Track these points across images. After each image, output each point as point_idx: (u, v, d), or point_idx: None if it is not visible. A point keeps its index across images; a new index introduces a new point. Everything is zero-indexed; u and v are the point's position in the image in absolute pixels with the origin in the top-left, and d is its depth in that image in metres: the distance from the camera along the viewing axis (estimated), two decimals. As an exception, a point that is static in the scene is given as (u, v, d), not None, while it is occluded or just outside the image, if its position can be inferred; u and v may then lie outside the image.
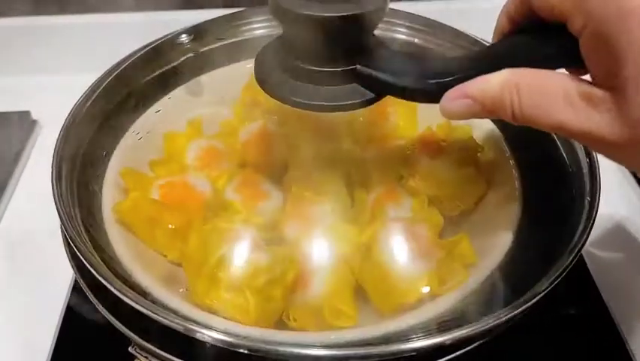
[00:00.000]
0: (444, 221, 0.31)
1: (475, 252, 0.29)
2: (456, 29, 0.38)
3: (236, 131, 0.35)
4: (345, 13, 0.25)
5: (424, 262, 0.28)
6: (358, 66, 0.27)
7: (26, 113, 0.50)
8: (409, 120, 0.36)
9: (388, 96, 0.27)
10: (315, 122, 0.34)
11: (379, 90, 0.27)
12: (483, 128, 0.35)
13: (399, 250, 0.29)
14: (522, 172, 0.32)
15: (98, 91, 0.33)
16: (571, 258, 0.26)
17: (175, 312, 0.26)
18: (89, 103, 0.33)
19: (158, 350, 0.25)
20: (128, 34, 0.39)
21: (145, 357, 0.25)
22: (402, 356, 0.24)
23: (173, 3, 0.55)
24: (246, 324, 0.26)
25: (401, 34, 0.38)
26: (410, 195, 0.32)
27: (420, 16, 0.39)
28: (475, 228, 0.31)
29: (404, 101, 0.28)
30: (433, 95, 0.25)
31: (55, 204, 0.28)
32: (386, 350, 0.24)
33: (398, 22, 0.38)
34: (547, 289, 0.25)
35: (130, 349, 0.26)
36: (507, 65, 0.23)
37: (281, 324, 0.28)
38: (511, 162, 0.33)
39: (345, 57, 0.27)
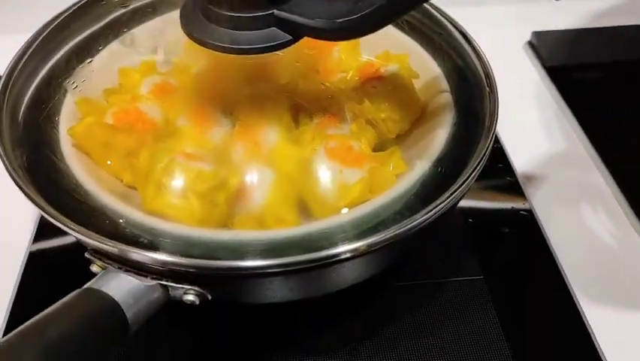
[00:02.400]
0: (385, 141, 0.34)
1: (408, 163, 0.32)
2: None
3: (188, 68, 0.37)
4: None
5: (357, 171, 0.31)
6: (275, 11, 0.29)
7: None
8: (351, 54, 0.38)
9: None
10: (259, 60, 0.36)
11: (296, 33, 0.30)
12: (419, 56, 0.37)
13: (333, 161, 0.31)
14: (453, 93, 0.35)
15: (34, 45, 0.35)
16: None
17: (121, 218, 0.29)
18: (27, 56, 0.35)
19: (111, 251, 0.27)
20: None
21: (99, 259, 0.28)
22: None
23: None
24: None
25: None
26: (350, 119, 0.34)
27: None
28: (411, 144, 0.34)
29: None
30: (341, 33, 0.29)
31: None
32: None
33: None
34: (461, 187, 0.29)
35: (86, 254, 0.28)
36: None
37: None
38: (444, 86, 0.36)
39: (264, 2, 0.29)
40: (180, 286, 0.27)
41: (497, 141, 0.47)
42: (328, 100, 0.35)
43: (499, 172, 0.44)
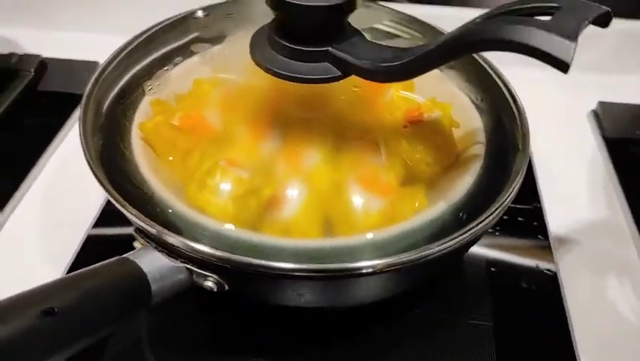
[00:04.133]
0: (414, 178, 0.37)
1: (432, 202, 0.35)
2: (432, 26, 0.44)
3: (251, 88, 0.42)
4: (323, 4, 0.31)
5: (381, 200, 0.34)
6: (330, 48, 0.33)
7: (94, 63, 0.60)
8: (403, 94, 0.41)
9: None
10: (313, 89, 0.40)
11: (345, 70, 0.33)
12: (464, 106, 0.40)
13: (361, 187, 0.34)
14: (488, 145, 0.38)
15: (129, 48, 0.41)
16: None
17: (169, 208, 0.33)
18: (121, 56, 0.41)
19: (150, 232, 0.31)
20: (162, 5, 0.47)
21: (141, 237, 0.32)
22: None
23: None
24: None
25: (384, 27, 0.45)
26: (386, 153, 0.37)
27: (402, 12, 0.46)
28: (438, 185, 0.37)
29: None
30: (382, 76, 0.32)
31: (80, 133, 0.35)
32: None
33: (383, 15, 0.45)
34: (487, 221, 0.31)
35: (132, 231, 0.33)
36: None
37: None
38: (481, 138, 0.38)
39: (321, 39, 0.33)
40: (202, 272, 0.31)
41: (537, 200, 0.48)
42: (370, 132, 0.38)
43: (533, 230, 0.45)
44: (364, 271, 0.30)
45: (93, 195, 0.47)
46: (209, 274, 0.31)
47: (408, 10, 0.46)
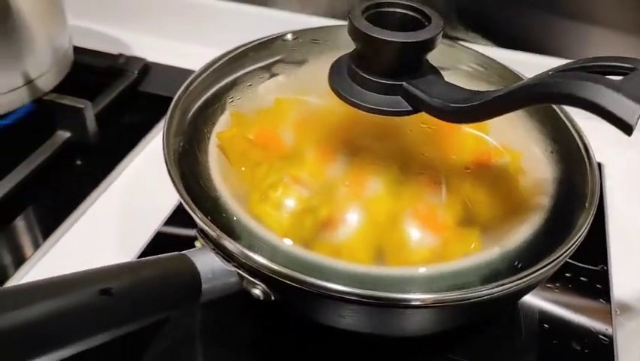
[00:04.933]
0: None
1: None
2: (513, 71, 0.45)
3: (328, 112, 0.43)
4: (402, 40, 0.33)
5: (433, 237, 0.34)
6: (405, 83, 0.34)
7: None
8: (476, 135, 0.41)
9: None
10: (385, 120, 0.41)
11: (415, 105, 0.34)
12: (535, 156, 0.40)
13: (416, 222, 0.35)
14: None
15: (219, 62, 0.44)
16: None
17: (232, 215, 0.35)
18: (210, 69, 0.44)
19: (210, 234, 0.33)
20: (260, 25, 0.50)
21: (202, 238, 0.34)
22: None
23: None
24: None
25: (467, 67, 0.46)
26: (447, 191, 0.38)
27: (484, 55, 0.46)
28: (496, 229, 0.36)
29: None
30: (451, 116, 0.33)
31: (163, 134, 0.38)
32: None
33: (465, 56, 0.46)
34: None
35: (195, 231, 0.35)
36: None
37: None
38: (547, 190, 0.38)
39: (396, 74, 0.34)
40: (252, 279, 0.32)
41: (605, 262, 0.46)
42: (434, 169, 0.39)
43: (596, 292, 0.44)
44: (411, 303, 0.31)
45: (169, 194, 0.49)
46: (258, 283, 0.32)
47: (492, 53, 0.46)
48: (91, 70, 0.65)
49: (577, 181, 0.38)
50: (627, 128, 0.24)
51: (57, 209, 0.49)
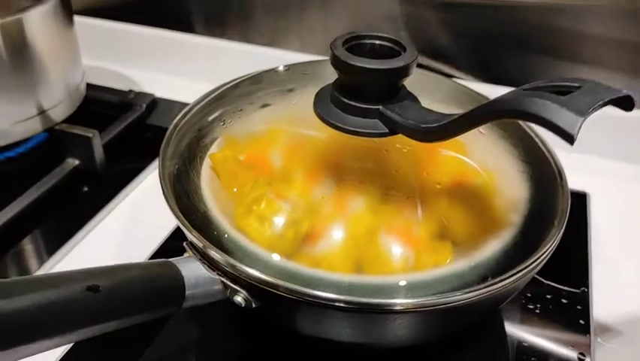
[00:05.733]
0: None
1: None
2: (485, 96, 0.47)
3: (312, 138, 0.46)
4: (377, 67, 0.36)
5: (407, 250, 0.36)
6: (381, 107, 0.37)
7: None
8: (453, 156, 0.44)
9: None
10: (367, 143, 0.43)
11: (392, 127, 0.37)
12: (509, 175, 0.42)
13: (391, 236, 0.37)
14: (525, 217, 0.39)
15: (216, 93, 0.48)
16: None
17: (219, 227, 0.37)
18: (208, 99, 0.47)
19: (200, 246, 0.36)
20: (263, 63, 0.53)
21: (190, 249, 0.36)
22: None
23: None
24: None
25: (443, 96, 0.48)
26: (422, 208, 0.40)
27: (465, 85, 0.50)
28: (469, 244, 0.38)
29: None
30: (424, 136, 0.35)
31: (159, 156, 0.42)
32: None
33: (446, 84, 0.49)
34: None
35: (184, 243, 0.37)
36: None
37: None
38: (519, 210, 0.40)
39: (373, 98, 0.37)
40: (234, 286, 0.34)
41: (586, 285, 0.47)
42: (411, 188, 0.41)
43: (575, 313, 0.45)
44: (389, 308, 0.33)
45: (167, 219, 0.52)
46: (240, 290, 0.34)
47: (487, 90, 0.49)
48: (102, 104, 0.69)
49: (548, 201, 0.40)
50: (569, 138, 0.26)
51: (62, 230, 0.52)
